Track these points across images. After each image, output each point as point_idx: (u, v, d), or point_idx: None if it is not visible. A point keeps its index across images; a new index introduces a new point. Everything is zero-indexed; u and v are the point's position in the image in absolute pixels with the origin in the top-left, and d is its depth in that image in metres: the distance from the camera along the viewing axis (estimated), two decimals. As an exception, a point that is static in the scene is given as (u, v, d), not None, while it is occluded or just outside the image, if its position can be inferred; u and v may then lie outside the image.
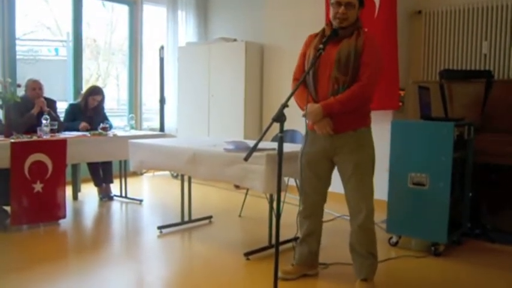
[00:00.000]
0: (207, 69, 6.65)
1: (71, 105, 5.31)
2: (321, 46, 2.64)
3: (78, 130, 4.94)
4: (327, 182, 2.97)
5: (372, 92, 2.76)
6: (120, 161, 5.29)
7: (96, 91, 5.27)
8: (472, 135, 3.85)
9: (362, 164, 2.78)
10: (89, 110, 5.23)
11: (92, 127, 5.05)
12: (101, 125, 4.95)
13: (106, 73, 7.59)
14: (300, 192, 3.01)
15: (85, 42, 6.62)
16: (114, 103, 7.43)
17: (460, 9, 4.71)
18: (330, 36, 2.71)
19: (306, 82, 2.82)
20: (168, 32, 7.04)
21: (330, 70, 2.73)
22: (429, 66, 4.95)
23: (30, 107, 4.59)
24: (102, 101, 5.32)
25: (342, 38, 2.74)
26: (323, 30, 2.86)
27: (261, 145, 2.59)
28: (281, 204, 2.58)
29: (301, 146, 2.98)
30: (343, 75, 2.69)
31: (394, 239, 3.78)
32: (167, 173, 6.77)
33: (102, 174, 5.30)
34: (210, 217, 4.49)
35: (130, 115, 5.99)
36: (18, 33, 5.86)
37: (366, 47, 2.69)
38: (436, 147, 3.46)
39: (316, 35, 2.90)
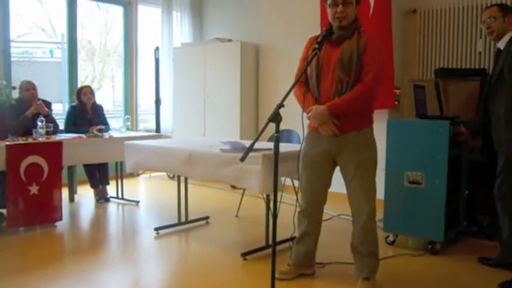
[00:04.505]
0: (203, 69, 6.64)
1: (72, 107, 5.27)
2: (316, 46, 2.65)
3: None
4: (328, 183, 2.97)
5: (376, 91, 2.76)
6: (116, 163, 5.28)
7: (82, 87, 5.32)
8: (468, 133, 3.85)
9: (365, 164, 2.78)
10: (88, 112, 5.22)
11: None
12: (97, 128, 4.97)
13: (101, 74, 7.57)
14: (301, 193, 3.00)
15: (80, 43, 6.61)
16: (110, 104, 7.41)
17: (455, 8, 4.73)
18: (324, 36, 2.71)
19: (309, 85, 2.83)
20: (163, 32, 7.03)
21: (332, 71, 2.73)
22: (424, 65, 4.96)
23: (25, 109, 4.55)
24: (93, 95, 5.30)
25: (343, 39, 2.74)
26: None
27: (257, 145, 2.59)
28: (277, 204, 2.57)
29: (301, 146, 2.96)
30: (346, 75, 2.69)
31: (391, 238, 3.79)
32: (164, 174, 6.76)
33: (98, 175, 5.28)
34: (206, 218, 4.48)
35: (126, 116, 5.97)
36: (13, 35, 5.84)
37: (367, 47, 2.69)
38: (432, 145, 3.46)
39: (317, 37, 2.88)
